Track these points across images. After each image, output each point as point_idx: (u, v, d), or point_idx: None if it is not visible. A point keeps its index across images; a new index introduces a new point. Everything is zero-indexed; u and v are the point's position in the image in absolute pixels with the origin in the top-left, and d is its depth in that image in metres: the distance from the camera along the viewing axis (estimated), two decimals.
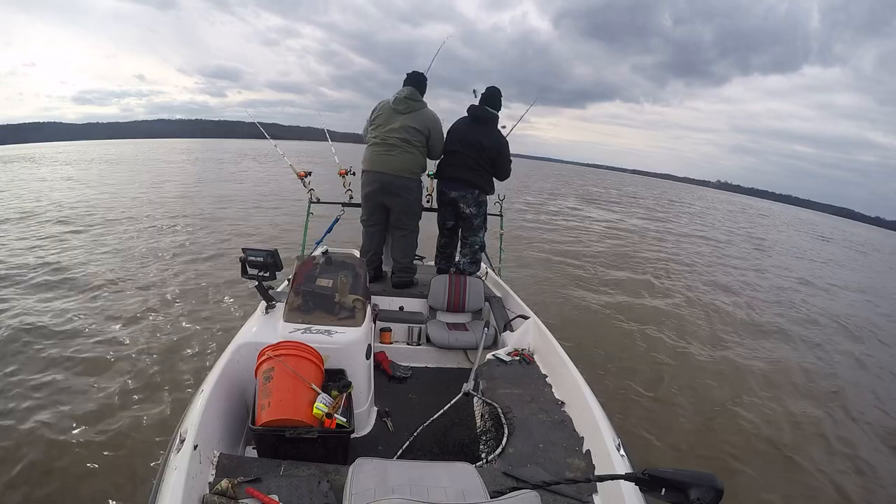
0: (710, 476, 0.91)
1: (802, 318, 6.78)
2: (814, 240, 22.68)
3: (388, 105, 2.92)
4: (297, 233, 4.68)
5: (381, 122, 2.93)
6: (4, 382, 3.02)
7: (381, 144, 2.91)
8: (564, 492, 1.35)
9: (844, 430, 3.65)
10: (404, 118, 2.88)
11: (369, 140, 2.97)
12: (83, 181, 14.35)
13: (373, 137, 2.94)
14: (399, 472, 1.21)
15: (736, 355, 4.78)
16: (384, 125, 2.91)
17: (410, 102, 2.89)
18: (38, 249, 6.17)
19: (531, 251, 8.61)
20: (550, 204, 18.12)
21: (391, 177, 2.91)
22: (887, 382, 4.85)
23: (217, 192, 12.99)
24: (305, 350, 1.75)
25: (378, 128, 2.93)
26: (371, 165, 2.93)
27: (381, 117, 2.94)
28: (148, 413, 2.83)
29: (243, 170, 22.14)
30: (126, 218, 8.62)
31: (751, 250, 13.33)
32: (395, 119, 2.89)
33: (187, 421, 1.45)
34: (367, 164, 2.96)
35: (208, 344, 3.73)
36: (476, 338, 2.62)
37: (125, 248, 6.59)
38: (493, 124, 2.98)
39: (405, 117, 2.88)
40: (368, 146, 2.97)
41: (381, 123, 2.93)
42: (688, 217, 21.53)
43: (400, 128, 2.87)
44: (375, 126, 2.94)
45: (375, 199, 2.99)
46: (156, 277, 5.36)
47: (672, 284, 7.51)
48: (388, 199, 2.98)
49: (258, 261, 2.07)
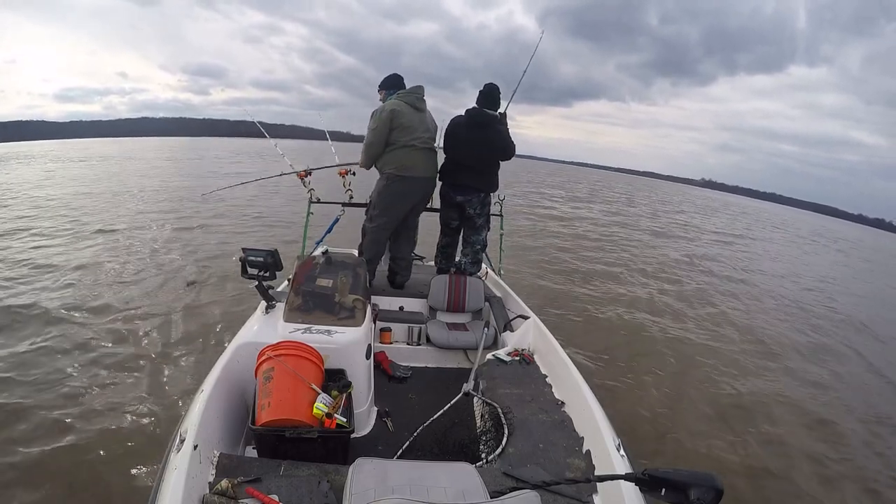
0: (710, 476, 0.92)
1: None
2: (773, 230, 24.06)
3: (405, 107, 2.73)
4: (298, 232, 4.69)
5: (410, 125, 2.72)
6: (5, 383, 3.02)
7: (423, 149, 2.77)
8: (564, 492, 1.35)
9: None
10: (424, 116, 2.83)
11: (399, 142, 2.73)
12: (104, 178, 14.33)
13: (407, 140, 2.72)
14: (399, 472, 1.21)
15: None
16: (416, 128, 2.74)
17: (425, 101, 2.85)
18: (41, 249, 6.18)
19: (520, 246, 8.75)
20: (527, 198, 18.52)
21: (433, 181, 2.91)
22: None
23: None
24: (305, 350, 1.76)
25: (407, 130, 2.71)
26: (419, 171, 2.79)
27: (405, 118, 2.71)
28: (148, 413, 2.83)
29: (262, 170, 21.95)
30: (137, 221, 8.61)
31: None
32: (421, 119, 2.79)
33: (187, 421, 1.45)
34: (410, 169, 2.76)
35: (208, 344, 3.73)
36: (476, 338, 2.62)
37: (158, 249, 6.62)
38: (492, 126, 2.94)
39: (424, 115, 2.83)
40: (403, 149, 2.73)
41: (408, 125, 2.71)
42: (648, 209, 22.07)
43: (428, 127, 2.84)
44: (403, 129, 2.71)
45: (409, 204, 2.87)
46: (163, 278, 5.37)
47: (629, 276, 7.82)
48: (422, 202, 2.96)
49: (258, 261, 2.07)
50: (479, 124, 2.92)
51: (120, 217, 8.72)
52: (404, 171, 2.76)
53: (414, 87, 2.83)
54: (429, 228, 3.45)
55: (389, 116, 2.69)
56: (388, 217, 2.87)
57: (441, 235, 3.30)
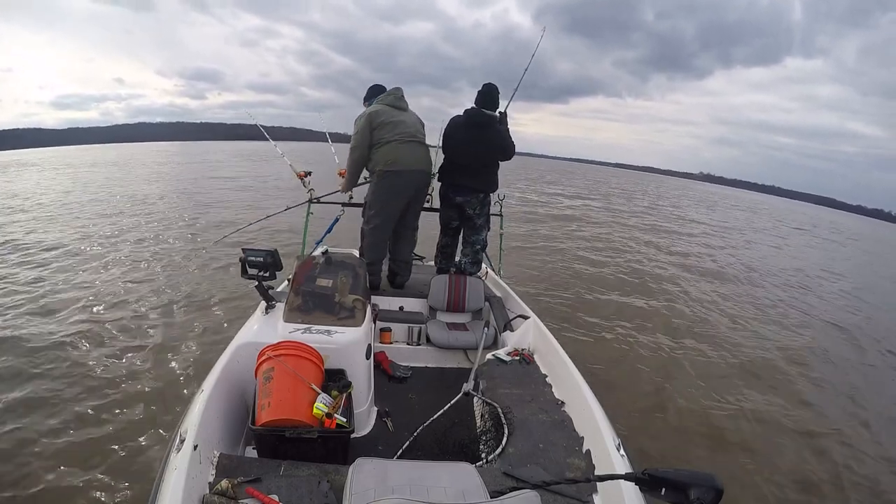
0: (710, 476, 0.92)
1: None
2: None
3: (384, 107, 2.77)
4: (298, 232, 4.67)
5: (391, 120, 2.74)
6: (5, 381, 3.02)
7: (407, 142, 2.76)
8: (564, 492, 1.35)
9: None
10: (408, 115, 2.84)
11: (383, 140, 2.74)
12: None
13: (390, 136, 2.73)
14: (399, 472, 1.21)
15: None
16: (398, 123, 2.75)
17: (406, 101, 2.87)
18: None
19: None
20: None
21: (424, 174, 2.88)
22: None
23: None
24: (305, 350, 1.76)
25: (388, 127, 2.73)
26: (406, 164, 2.75)
27: (385, 116, 2.74)
28: (147, 413, 2.83)
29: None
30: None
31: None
32: (403, 116, 2.80)
33: (187, 421, 1.45)
34: (397, 163, 2.74)
35: (207, 343, 3.73)
36: (476, 338, 2.62)
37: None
38: (491, 126, 2.93)
39: (408, 114, 2.85)
40: (388, 144, 2.74)
41: (389, 122, 2.74)
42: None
43: (412, 122, 2.83)
44: (383, 126, 2.73)
45: (404, 199, 2.85)
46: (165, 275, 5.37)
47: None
48: (416, 198, 2.93)
49: (258, 261, 2.07)
50: (478, 124, 2.91)
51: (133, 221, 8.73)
52: (393, 166, 2.75)
53: (392, 89, 2.88)
54: (429, 228, 3.44)
55: (369, 118, 2.74)
56: (384, 215, 2.86)
57: (441, 235, 3.29)
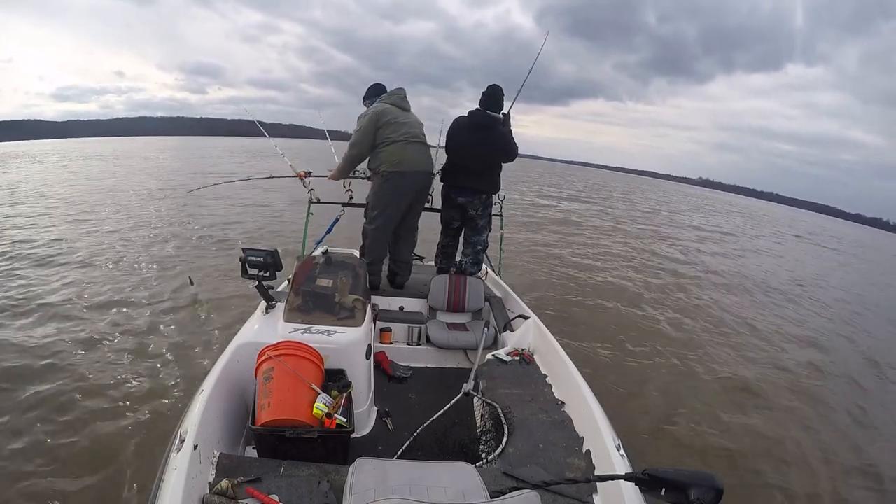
0: (710, 476, 0.92)
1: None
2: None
3: (390, 106, 2.77)
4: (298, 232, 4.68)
5: (397, 120, 2.74)
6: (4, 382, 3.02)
7: (412, 143, 2.76)
8: (564, 492, 1.35)
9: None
10: (411, 115, 2.85)
11: (389, 139, 2.73)
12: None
13: (396, 136, 2.72)
14: (399, 472, 1.21)
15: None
16: (403, 124, 2.75)
17: (409, 102, 2.87)
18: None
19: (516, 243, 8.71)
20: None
21: (427, 175, 2.89)
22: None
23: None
24: (305, 350, 1.76)
25: (394, 126, 2.72)
26: (412, 165, 2.76)
27: (391, 115, 2.74)
28: (147, 413, 2.83)
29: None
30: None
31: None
32: (407, 116, 2.81)
33: (187, 421, 1.45)
34: (403, 163, 2.73)
35: (207, 343, 3.73)
36: (476, 338, 2.62)
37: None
38: (495, 127, 2.93)
39: (411, 115, 2.86)
40: (393, 144, 2.73)
41: (395, 121, 2.73)
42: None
43: (416, 123, 2.84)
44: (389, 126, 2.72)
45: (406, 200, 2.85)
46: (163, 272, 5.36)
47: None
48: (418, 199, 2.94)
49: (258, 261, 2.07)
50: (482, 126, 2.91)
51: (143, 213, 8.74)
52: (398, 167, 2.75)
53: (395, 89, 2.88)
54: (429, 228, 3.44)
55: (375, 116, 2.73)
56: (387, 216, 2.86)
57: (442, 236, 3.30)
